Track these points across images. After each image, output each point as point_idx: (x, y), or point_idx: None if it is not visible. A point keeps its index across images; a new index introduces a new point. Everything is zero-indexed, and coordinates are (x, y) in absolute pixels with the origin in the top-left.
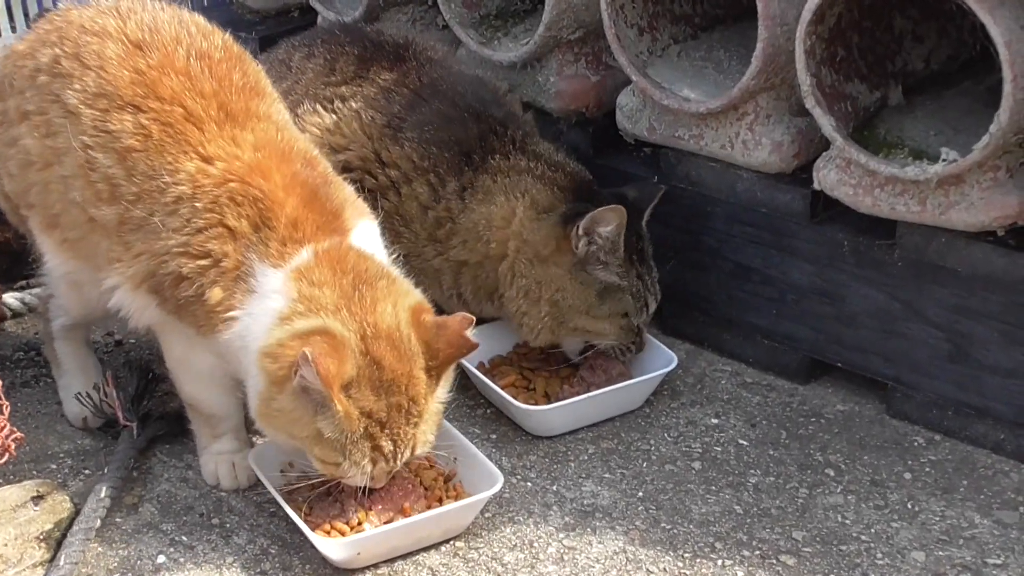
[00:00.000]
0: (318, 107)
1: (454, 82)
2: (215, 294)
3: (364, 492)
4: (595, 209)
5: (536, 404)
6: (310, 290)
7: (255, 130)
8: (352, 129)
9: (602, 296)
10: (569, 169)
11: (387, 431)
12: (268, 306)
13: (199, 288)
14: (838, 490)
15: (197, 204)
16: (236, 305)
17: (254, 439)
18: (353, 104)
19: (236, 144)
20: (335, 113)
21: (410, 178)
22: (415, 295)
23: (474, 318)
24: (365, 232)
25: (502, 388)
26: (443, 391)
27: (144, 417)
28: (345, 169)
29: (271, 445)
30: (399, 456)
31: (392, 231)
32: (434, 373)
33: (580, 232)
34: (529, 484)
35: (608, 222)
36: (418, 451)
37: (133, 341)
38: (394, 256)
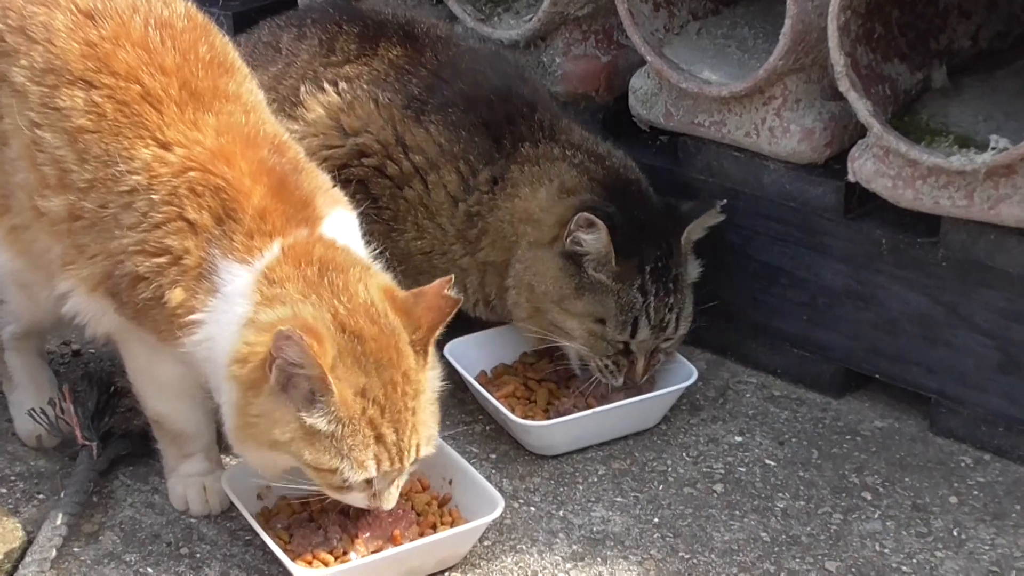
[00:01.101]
0: (325, 86)
1: (473, 60)
2: (176, 295)
3: (350, 515)
4: (586, 211)
5: (536, 418)
6: (271, 289)
7: (220, 113)
8: (368, 110)
9: (581, 291)
10: (609, 163)
11: (387, 416)
12: (235, 312)
13: (158, 289)
14: (876, 515)
15: (154, 196)
16: (198, 307)
17: (227, 460)
18: (363, 84)
19: (197, 128)
20: (347, 94)
21: (437, 165)
22: (385, 278)
23: (452, 277)
24: (339, 222)
25: (500, 400)
26: (435, 375)
27: (105, 435)
28: (362, 154)
29: (246, 466)
30: (404, 451)
31: (415, 225)
32: (420, 346)
33: (572, 227)
34: (533, 509)
35: (592, 229)
36: (423, 450)
37: (92, 351)
38: (375, 251)
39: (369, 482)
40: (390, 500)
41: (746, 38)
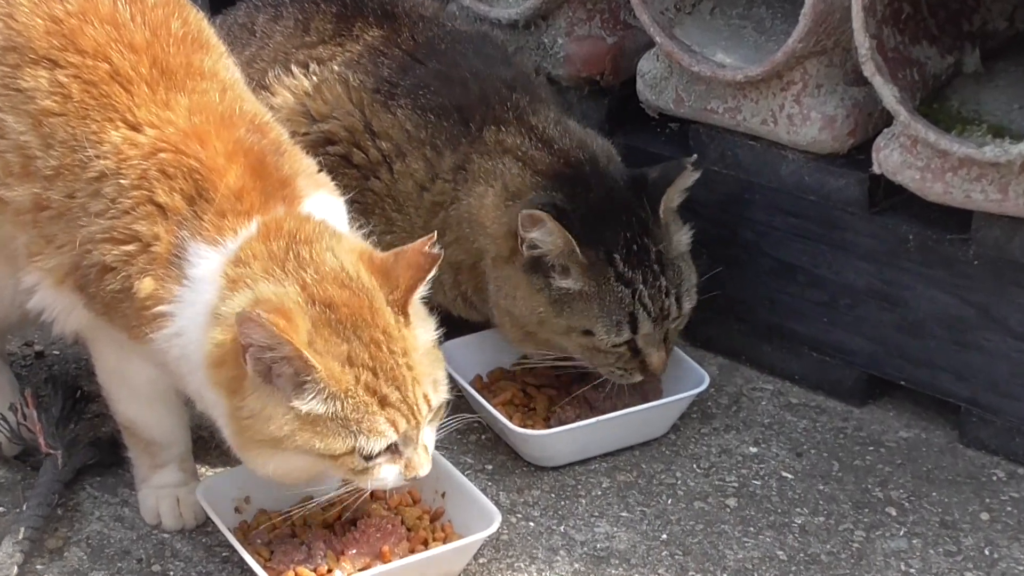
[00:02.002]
0: (293, 68)
1: (453, 41)
2: (145, 286)
3: (335, 530)
4: (527, 208)
5: (536, 427)
6: (236, 270)
7: (193, 92)
8: (336, 94)
9: (558, 305)
10: (558, 147)
11: (382, 376)
12: (201, 300)
13: (126, 280)
14: (901, 533)
15: (122, 181)
16: (167, 297)
17: (203, 470)
18: (335, 67)
19: (169, 108)
20: (316, 76)
21: (404, 152)
22: (360, 243)
23: (435, 233)
24: (321, 204)
25: (497, 407)
26: (427, 328)
27: (71, 443)
28: (328, 142)
29: (223, 477)
30: (414, 405)
31: (384, 218)
32: (398, 306)
33: (521, 233)
34: (532, 524)
35: (538, 225)
36: (432, 396)
37: (57, 353)
38: (373, 240)
39: (394, 452)
40: (423, 462)
41: (763, 18)
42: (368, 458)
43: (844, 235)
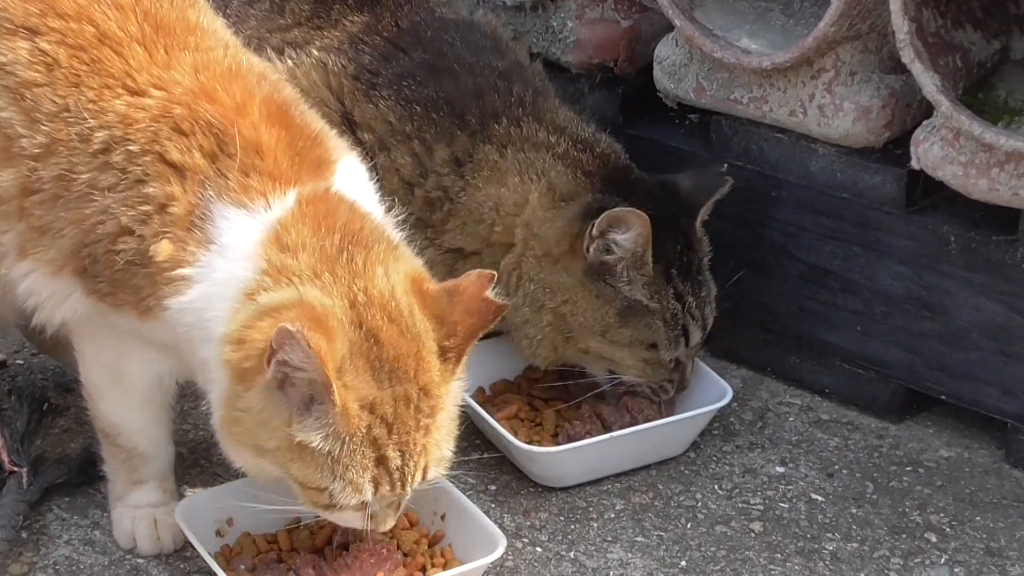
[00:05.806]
0: (270, 55)
1: (439, 29)
2: (163, 248)
3: (324, 555)
4: (615, 208)
5: (543, 444)
6: (281, 257)
7: (197, 48)
8: (312, 81)
9: (624, 317)
10: (600, 149)
11: (394, 436)
12: (235, 274)
13: (141, 242)
14: (942, 560)
15: (132, 147)
16: (189, 261)
17: (183, 489)
18: (312, 51)
19: (172, 69)
20: (290, 60)
21: (387, 145)
22: (413, 261)
23: (494, 274)
24: (355, 172)
25: (501, 422)
26: (459, 386)
27: (37, 461)
28: None
29: (204, 497)
30: (407, 477)
31: None
32: (452, 355)
33: (594, 233)
34: (539, 549)
35: (626, 228)
36: (431, 472)
37: (21, 362)
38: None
39: (364, 503)
40: (388, 523)
41: (791, 0)
42: (334, 502)
43: (879, 236)
